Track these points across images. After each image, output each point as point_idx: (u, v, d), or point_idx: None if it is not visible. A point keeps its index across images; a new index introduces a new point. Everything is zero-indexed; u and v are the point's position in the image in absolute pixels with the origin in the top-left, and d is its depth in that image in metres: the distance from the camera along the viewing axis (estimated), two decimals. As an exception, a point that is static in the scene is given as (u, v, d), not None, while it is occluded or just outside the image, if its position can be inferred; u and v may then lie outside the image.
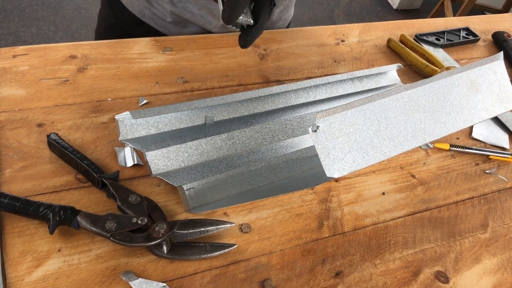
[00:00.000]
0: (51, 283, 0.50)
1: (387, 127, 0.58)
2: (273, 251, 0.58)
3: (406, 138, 0.58)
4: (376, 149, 0.56)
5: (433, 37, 1.00)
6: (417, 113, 0.59)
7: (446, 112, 0.61)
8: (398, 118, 0.59)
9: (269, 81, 0.80)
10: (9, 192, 0.56)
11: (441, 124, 0.61)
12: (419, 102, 0.60)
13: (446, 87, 0.63)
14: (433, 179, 0.71)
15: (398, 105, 0.59)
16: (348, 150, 0.55)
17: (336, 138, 0.54)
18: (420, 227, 0.64)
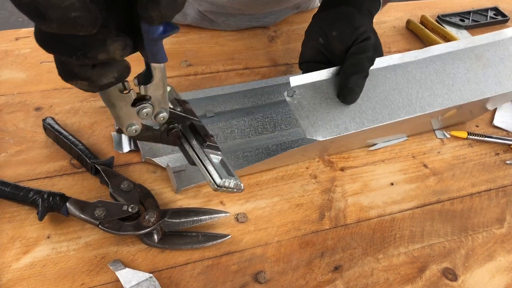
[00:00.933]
0: (38, 271, 0.49)
1: (377, 95, 0.56)
2: (269, 243, 0.55)
3: (399, 107, 0.56)
4: (364, 115, 0.54)
5: (457, 18, 0.94)
6: (412, 85, 0.57)
7: (446, 85, 0.58)
8: (390, 88, 0.57)
9: (277, 65, 0.77)
10: (3, 177, 0.55)
11: (441, 96, 0.58)
12: (414, 74, 0.58)
13: (445, 60, 0.60)
14: (447, 169, 0.67)
15: (390, 76, 0.57)
16: (332, 115, 0.54)
17: (316, 103, 0.54)
18: (429, 221, 0.61)
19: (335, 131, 0.53)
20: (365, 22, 0.57)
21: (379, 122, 0.55)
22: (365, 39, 0.55)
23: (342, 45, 0.56)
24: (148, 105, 0.44)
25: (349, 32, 0.56)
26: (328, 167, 0.64)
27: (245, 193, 0.59)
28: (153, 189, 0.58)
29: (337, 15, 0.58)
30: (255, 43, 0.79)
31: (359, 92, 0.54)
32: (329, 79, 0.55)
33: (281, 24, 0.84)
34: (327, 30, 0.58)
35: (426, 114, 0.58)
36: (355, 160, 0.65)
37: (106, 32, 0.34)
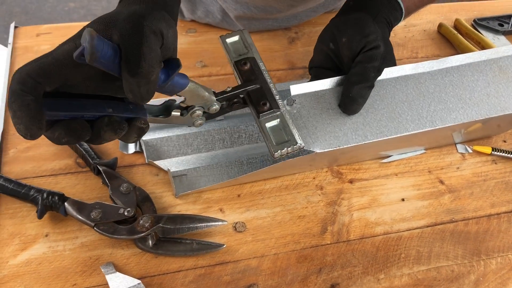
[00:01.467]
0: (33, 268, 0.50)
1: (384, 107, 0.53)
2: (266, 255, 0.54)
3: (408, 121, 0.53)
4: (368, 128, 0.52)
5: (495, 22, 0.88)
6: (424, 97, 0.54)
7: (461, 98, 0.54)
8: (399, 99, 0.54)
9: (295, 68, 0.75)
10: (9, 172, 0.57)
11: (455, 111, 0.54)
12: (427, 86, 0.54)
13: (463, 72, 0.56)
14: (465, 186, 0.63)
15: (400, 87, 0.54)
16: (333, 126, 0.52)
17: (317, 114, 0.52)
18: (439, 241, 0.57)
19: (334, 143, 0.51)
20: (377, 30, 0.54)
21: (384, 136, 0.52)
22: (374, 47, 0.53)
23: (350, 52, 0.54)
24: (197, 109, 0.48)
25: (357, 39, 0.53)
26: (336, 178, 0.62)
27: (246, 201, 0.58)
28: (154, 192, 0.57)
29: (350, 21, 0.56)
30: (274, 44, 0.77)
31: (362, 103, 0.52)
32: (333, 89, 0.53)
33: (303, 25, 0.81)
34: (338, 35, 0.55)
35: (442, 129, 0.55)
36: (366, 172, 0.63)
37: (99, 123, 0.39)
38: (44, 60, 0.36)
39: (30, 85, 0.35)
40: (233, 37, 0.55)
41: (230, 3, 0.74)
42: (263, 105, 0.50)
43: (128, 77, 0.36)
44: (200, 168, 0.59)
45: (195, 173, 0.59)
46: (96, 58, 0.34)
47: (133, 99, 0.37)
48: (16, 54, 0.69)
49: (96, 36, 0.34)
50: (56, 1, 2.32)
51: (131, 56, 0.35)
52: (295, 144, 0.47)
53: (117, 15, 0.38)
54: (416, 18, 0.87)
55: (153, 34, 0.37)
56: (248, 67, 0.52)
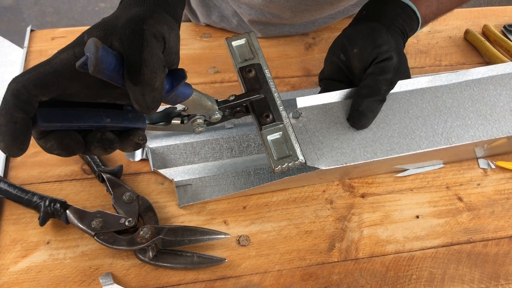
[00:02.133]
0: (32, 276, 0.50)
1: (396, 122, 0.50)
2: (269, 271, 0.52)
3: (421, 138, 0.50)
4: (378, 144, 0.49)
5: (527, 29, 0.83)
6: (440, 112, 0.51)
7: (481, 114, 0.51)
8: (413, 114, 0.51)
9: (310, 75, 0.72)
10: (16, 177, 0.57)
11: (473, 127, 0.50)
12: (445, 100, 0.51)
13: (485, 86, 0.52)
14: (486, 205, 0.59)
15: (415, 101, 0.51)
16: (340, 141, 0.49)
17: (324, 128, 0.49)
18: (454, 263, 0.54)
19: (341, 160, 0.48)
20: (390, 40, 0.51)
21: (395, 153, 0.49)
22: (386, 59, 0.50)
23: (361, 64, 0.51)
24: (198, 118, 0.47)
25: (369, 49, 0.51)
26: (347, 192, 0.59)
27: (252, 214, 0.56)
28: (158, 201, 0.56)
29: (362, 31, 0.53)
30: (289, 50, 0.75)
31: (372, 118, 0.49)
32: (341, 102, 0.50)
33: (321, 31, 0.79)
34: (349, 46, 0.53)
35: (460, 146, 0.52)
36: (379, 187, 0.60)
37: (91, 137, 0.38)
38: (42, 69, 0.35)
39: (24, 99, 0.34)
40: (239, 40, 0.53)
41: (244, 8, 0.72)
42: (265, 117, 0.48)
43: (131, 86, 0.34)
44: (205, 178, 0.58)
45: (200, 183, 0.57)
46: (100, 69, 0.33)
47: (139, 109, 0.36)
48: (30, 58, 0.70)
49: (101, 47, 0.32)
50: (87, 2, 2.36)
51: (132, 63, 0.34)
52: (296, 160, 0.45)
53: (116, 20, 0.37)
54: (441, 23, 0.83)
55: (154, 38, 0.35)
56: (253, 75, 0.50)
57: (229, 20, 0.76)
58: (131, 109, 0.41)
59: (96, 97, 0.38)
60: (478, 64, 0.77)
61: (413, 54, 0.77)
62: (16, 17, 2.24)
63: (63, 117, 0.37)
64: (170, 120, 0.46)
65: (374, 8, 0.55)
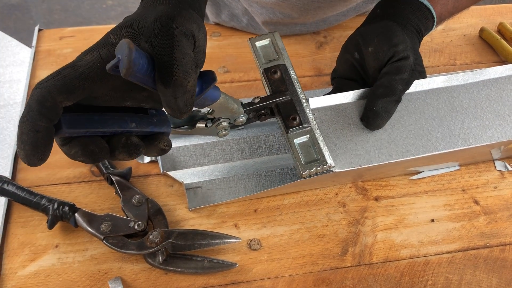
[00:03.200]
0: (41, 280, 0.49)
1: (412, 123, 0.48)
2: (281, 276, 0.51)
3: (438, 139, 0.48)
4: (393, 146, 0.48)
5: (543, 27, 0.81)
6: (457, 113, 0.49)
7: (499, 115, 0.49)
8: (429, 115, 0.49)
9: (321, 74, 0.71)
10: (24, 179, 0.56)
11: (491, 128, 0.49)
12: (461, 100, 0.49)
13: (503, 85, 0.51)
14: (503, 208, 0.58)
15: (431, 101, 0.50)
16: (354, 143, 0.48)
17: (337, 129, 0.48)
18: (471, 268, 0.53)
19: (355, 162, 0.47)
20: (406, 39, 0.50)
21: (411, 155, 0.48)
22: (402, 58, 0.48)
23: (376, 63, 0.50)
24: (223, 121, 0.46)
25: (385, 48, 0.49)
26: (361, 195, 0.58)
27: (263, 217, 0.55)
28: (167, 204, 0.55)
29: (377, 29, 0.52)
30: (301, 49, 0.74)
31: (387, 118, 0.48)
32: (355, 102, 0.49)
33: (332, 29, 0.77)
34: (364, 44, 0.52)
35: (476, 148, 0.50)
36: (393, 190, 0.59)
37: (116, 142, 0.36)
38: (67, 73, 0.33)
39: (49, 105, 0.32)
40: (263, 40, 0.52)
41: (255, 7, 0.71)
42: (292, 120, 0.47)
43: (163, 89, 0.32)
44: (216, 180, 0.57)
45: (211, 186, 0.56)
46: (133, 72, 0.31)
47: (171, 113, 0.34)
48: (39, 58, 0.69)
49: (134, 49, 0.31)
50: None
51: (163, 64, 0.32)
52: (325, 164, 0.45)
53: (143, 19, 0.35)
54: (456, 21, 0.82)
55: (184, 36, 0.34)
56: (279, 76, 0.49)
57: (239, 19, 0.75)
58: (155, 113, 0.40)
59: (122, 100, 0.37)
60: (494, 63, 0.75)
61: (427, 53, 0.76)
62: (24, 15, 2.24)
63: (87, 123, 0.35)
64: (195, 124, 0.45)
65: (388, 7, 0.54)
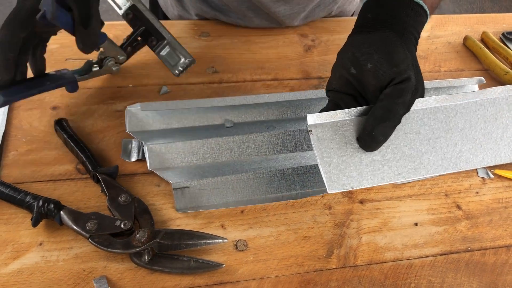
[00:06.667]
0: (24, 278, 0.48)
1: (406, 144, 0.48)
2: (267, 277, 0.51)
3: (429, 162, 0.48)
4: (385, 168, 0.48)
5: (525, 37, 0.83)
6: (452, 135, 0.49)
7: (492, 137, 0.50)
8: (424, 136, 0.49)
9: (309, 77, 0.72)
10: (8, 176, 0.55)
11: (483, 152, 0.50)
12: (457, 121, 0.49)
13: (500, 106, 0.51)
14: (484, 213, 0.59)
15: (428, 121, 0.49)
16: (347, 163, 0.47)
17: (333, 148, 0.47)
18: (453, 271, 0.54)
19: (347, 184, 0.46)
20: (407, 56, 0.48)
21: (402, 178, 0.48)
22: (405, 79, 0.47)
23: (376, 82, 0.48)
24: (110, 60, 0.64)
25: (386, 68, 0.48)
26: (346, 198, 0.58)
27: (250, 218, 0.55)
28: (154, 203, 0.55)
29: (375, 42, 0.50)
30: (289, 52, 0.75)
31: (383, 141, 0.47)
32: (353, 119, 0.48)
33: (320, 33, 0.78)
34: (362, 59, 0.50)
35: None
36: (378, 193, 0.59)
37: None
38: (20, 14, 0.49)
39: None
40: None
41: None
42: (151, 41, 0.64)
43: (82, 30, 0.50)
44: (204, 181, 0.56)
45: (198, 186, 0.56)
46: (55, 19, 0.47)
47: (84, 48, 0.52)
48: (24, 53, 0.68)
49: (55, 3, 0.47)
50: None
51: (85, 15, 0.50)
52: (188, 59, 0.64)
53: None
54: (441, 29, 0.83)
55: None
56: (132, 16, 0.63)
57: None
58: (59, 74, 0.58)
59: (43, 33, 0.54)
60: (477, 70, 0.77)
61: (413, 59, 0.77)
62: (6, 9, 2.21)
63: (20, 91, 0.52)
64: (91, 69, 0.63)
65: (380, 11, 0.53)
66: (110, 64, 0.63)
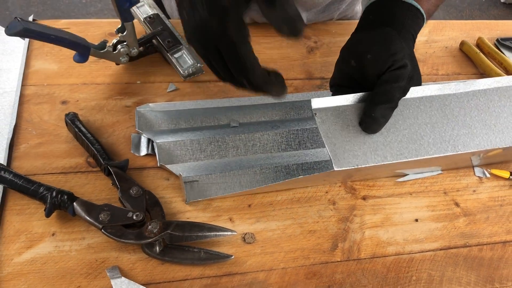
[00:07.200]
0: (37, 267, 0.49)
1: (406, 128, 0.52)
2: (274, 268, 0.53)
3: (429, 144, 0.52)
4: (388, 148, 0.51)
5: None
6: (448, 120, 0.52)
7: (487, 124, 0.53)
8: (422, 121, 0.53)
9: (312, 78, 0.74)
10: (19, 168, 0.56)
11: (479, 136, 0.53)
12: (452, 108, 0.53)
13: (490, 96, 0.54)
14: (481, 210, 0.62)
15: (424, 107, 0.53)
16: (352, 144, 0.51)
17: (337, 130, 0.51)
18: (452, 266, 0.56)
19: (353, 162, 0.49)
20: (404, 47, 0.53)
21: (404, 158, 0.51)
22: (401, 66, 0.51)
23: (375, 70, 0.52)
24: (122, 47, 0.65)
25: (384, 57, 0.52)
26: (349, 194, 0.60)
27: (257, 212, 0.57)
28: (163, 196, 0.57)
29: (375, 37, 0.54)
30: (292, 53, 0.76)
31: (384, 123, 0.50)
32: (354, 105, 0.52)
33: (323, 35, 0.80)
34: (362, 52, 0.54)
35: (464, 154, 0.54)
36: (380, 190, 0.61)
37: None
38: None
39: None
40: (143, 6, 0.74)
41: None
42: (168, 43, 0.69)
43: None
44: (212, 175, 0.58)
45: (207, 180, 0.58)
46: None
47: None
48: (33, 48, 0.69)
49: None
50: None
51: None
52: (197, 64, 0.68)
53: None
54: (438, 34, 0.86)
55: None
56: (153, 19, 0.71)
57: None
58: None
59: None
60: (473, 74, 0.80)
61: (411, 62, 0.79)
62: (0, 6, 2.19)
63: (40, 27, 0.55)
64: (105, 47, 0.63)
65: (381, 13, 0.56)
66: (123, 50, 0.65)
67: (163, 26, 0.71)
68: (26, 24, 0.53)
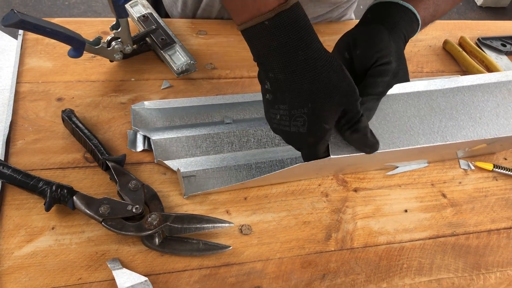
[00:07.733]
0: (38, 260, 0.50)
1: (396, 120, 0.54)
2: (271, 258, 0.54)
3: (419, 134, 0.54)
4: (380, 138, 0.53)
5: (498, 42, 0.90)
6: (436, 113, 0.55)
7: (472, 117, 0.56)
8: (411, 114, 0.56)
9: (303, 75, 0.75)
10: (17, 164, 0.57)
11: (465, 128, 0.55)
12: (439, 102, 0.56)
13: (474, 92, 0.57)
14: (467, 201, 0.64)
15: (413, 102, 0.56)
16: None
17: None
18: (440, 254, 0.58)
19: (348, 150, 0.51)
20: (391, 44, 0.55)
21: (396, 147, 0.53)
22: (385, 63, 0.53)
23: (362, 65, 0.55)
24: (116, 44, 0.66)
25: (370, 53, 0.54)
26: (341, 186, 0.62)
27: (253, 204, 0.58)
28: (161, 191, 0.58)
29: (366, 33, 0.56)
30: (283, 51, 0.78)
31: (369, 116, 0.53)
32: None
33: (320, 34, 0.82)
34: (353, 46, 0.56)
35: (451, 145, 0.56)
36: (370, 182, 0.64)
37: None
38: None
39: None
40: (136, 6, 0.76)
41: None
42: (162, 40, 0.71)
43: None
44: (209, 170, 0.59)
45: (204, 175, 0.59)
46: None
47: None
48: (27, 46, 0.69)
49: None
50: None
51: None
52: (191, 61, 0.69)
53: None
54: (422, 33, 0.89)
55: None
56: (147, 18, 0.73)
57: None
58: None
59: None
60: (456, 72, 0.83)
61: (397, 60, 0.82)
62: None
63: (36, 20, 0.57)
64: (99, 43, 0.65)
65: (378, 12, 0.59)
66: (117, 47, 0.66)
67: (156, 25, 0.72)
68: (22, 16, 0.53)
